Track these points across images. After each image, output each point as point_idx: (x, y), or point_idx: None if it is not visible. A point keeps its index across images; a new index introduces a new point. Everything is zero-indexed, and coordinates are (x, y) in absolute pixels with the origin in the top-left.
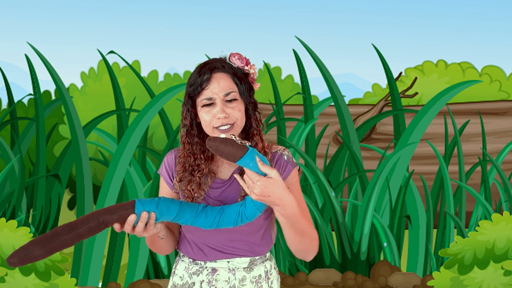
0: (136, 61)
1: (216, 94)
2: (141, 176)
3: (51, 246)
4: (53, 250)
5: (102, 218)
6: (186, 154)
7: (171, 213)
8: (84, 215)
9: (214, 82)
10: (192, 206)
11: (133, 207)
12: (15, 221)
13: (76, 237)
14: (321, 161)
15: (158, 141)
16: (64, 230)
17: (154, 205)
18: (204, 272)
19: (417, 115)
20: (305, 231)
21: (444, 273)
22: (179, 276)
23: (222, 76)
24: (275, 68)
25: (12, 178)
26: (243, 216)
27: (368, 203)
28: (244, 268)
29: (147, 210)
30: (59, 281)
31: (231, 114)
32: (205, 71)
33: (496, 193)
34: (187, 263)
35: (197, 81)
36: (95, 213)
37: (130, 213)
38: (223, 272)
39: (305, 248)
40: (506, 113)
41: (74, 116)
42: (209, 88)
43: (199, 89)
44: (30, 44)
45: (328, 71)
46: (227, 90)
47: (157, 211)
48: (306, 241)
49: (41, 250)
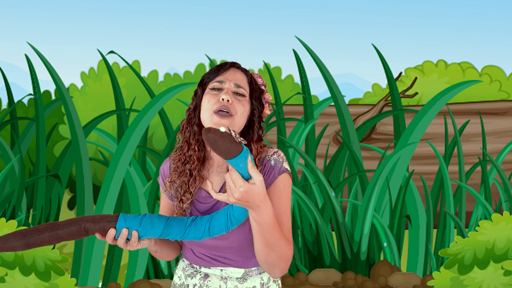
0: (136, 61)
1: (228, 81)
2: (141, 176)
3: (30, 240)
4: (30, 244)
5: (84, 225)
6: (182, 140)
7: (156, 230)
8: (70, 219)
9: (230, 72)
10: (180, 220)
11: (116, 222)
12: (15, 221)
13: (55, 237)
14: (321, 161)
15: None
16: (46, 228)
17: (138, 222)
18: (197, 276)
19: (417, 115)
20: (275, 244)
21: (444, 273)
22: (178, 276)
23: (240, 72)
24: (275, 68)
25: (12, 178)
26: (232, 219)
27: (368, 203)
28: (237, 278)
29: (128, 227)
30: (59, 281)
31: (234, 103)
32: (226, 63)
33: (496, 193)
34: (185, 264)
35: (215, 69)
36: (79, 219)
37: (111, 227)
38: (215, 279)
39: (271, 262)
40: (506, 113)
41: (74, 116)
42: (224, 75)
43: (214, 74)
44: (30, 44)
45: (328, 71)
46: (239, 83)
47: (140, 228)
48: (274, 255)
49: (19, 242)
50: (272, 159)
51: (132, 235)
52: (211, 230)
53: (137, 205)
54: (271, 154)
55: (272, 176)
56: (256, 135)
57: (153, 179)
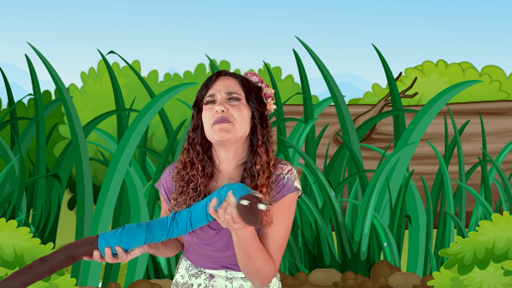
0: (136, 61)
1: (219, 92)
2: (141, 176)
3: (26, 279)
4: (28, 282)
5: (70, 252)
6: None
7: (139, 239)
8: (56, 250)
9: (219, 81)
10: (160, 222)
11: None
12: (15, 221)
13: (48, 270)
14: (321, 161)
15: (158, 141)
16: (38, 264)
17: (118, 237)
18: (202, 276)
19: (417, 115)
20: (253, 257)
21: (444, 273)
22: (181, 274)
23: (228, 78)
24: (275, 68)
25: (12, 178)
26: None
27: (368, 203)
28: (242, 278)
29: (110, 245)
30: (59, 281)
31: (230, 110)
32: (212, 75)
33: (496, 193)
34: (189, 264)
35: (204, 85)
36: (65, 248)
37: (94, 248)
38: (220, 279)
39: (249, 273)
40: (506, 113)
41: (74, 116)
42: (214, 87)
43: (204, 91)
44: (30, 44)
45: (328, 71)
46: (230, 89)
47: (122, 243)
48: (251, 266)
49: (17, 282)
50: (286, 178)
51: (117, 251)
52: (193, 224)
53: (137, 205)
54: (286, 173)
55: (281, 194)
56: (261, 139)
57: (153, 179)
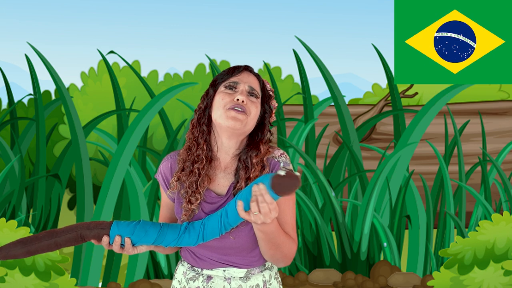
0: (136, 61)
1: (243, 83)
2: (141, 176)
3: (30, 248)
4: (31, 252)
5: (80, 232)
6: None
7: (150, 237)
8: (67, 226)
9: (245, 74)
10: (174, 227)
11: (109, 228)
12: (15, 221)
13: (54, 244)
14: (321, 161)
15: (158, 141)
16: (45, 236)
17: (131, 229)
18: (199, 279)
19: (417, 115)
20: (280, 246)
21: (444, 273)
22: (178, 280)
23: (253, 77)
24: (275, 68)
25: (12, 178)
26: (226, 225)
27: (368, 203)
28: (241, 278)
29: (121, 235)
30: (59, 281)
31: (248, 104)
32: (240, 66)
33: (496, 193)
34: (186, 268)
35: (229, 70)
36: (76, 226)
37: (105, 234)
38: (218, 280)
39: (277, 260)
40: (506, 113)
41: (74, 116)
42: (239, 76)
43: (228, 75)
44: (30, 44)
45: (328, 71)
46: (253, 86)
47: (133, 236)
48: (279, 254)
49: (20, 250)
50: (281, 161)
51: (125, 242)
52: (205, 236)
53: (137, 205)
54: (279, 156)
55: None
56: (266, 137)
57: (153, 179)
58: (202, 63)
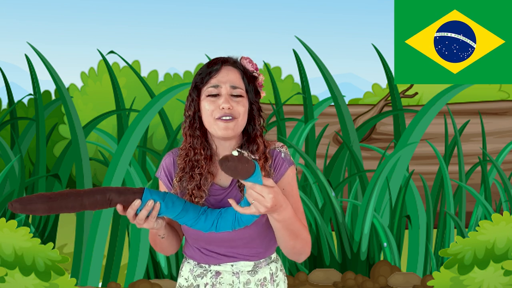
0: (136, 61)
1: (223, 84)
2: (141, 176)
3: (53, 204)
4: (54, 209)
5: (109, 195)
6: (187, 147)
7: (176, 209)
8: (94, 187)
9: (223, 72)
10: (195, 207)
11: (141, 194)
12: (15, 221)
13: (79, 205)
14: (321, 161)
15: (158, 141)
16: (71, 195)
17: (161, 197)
18: (208, 275)
19: (417, 115)
20: (299, 233)
21: (444, 273)
22: (184, 278)
23: (232, 70)
24: (275, 68)
25: (12, 178)
26: (240, 221)
27: (368, 203)
28: (249, 271)
29: (154, 199)
30: (59, 281)
31: (235, 107)
32: (216, 61)
33: (496, 193)
34: (192, 265)
35: (206, 70)
36: (104, 189)
37: (136, 198)
38: (227, 275)
39: (298, 251)
40: (506, 113)
41: (74, 116)
42: (217, 77)
43: (207, 77)
44: (30, 44)
45: (328, 71)
46: (235, 84)
47: (163, 203)
48: (299, 244)
49: (43, 205)
50: (283, 152)
51: (154, 207)
52: (219, 226)
53: None
54: (280, 147)
55: (284, 168)
56: (259, 130)
57: (153, 179)
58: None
